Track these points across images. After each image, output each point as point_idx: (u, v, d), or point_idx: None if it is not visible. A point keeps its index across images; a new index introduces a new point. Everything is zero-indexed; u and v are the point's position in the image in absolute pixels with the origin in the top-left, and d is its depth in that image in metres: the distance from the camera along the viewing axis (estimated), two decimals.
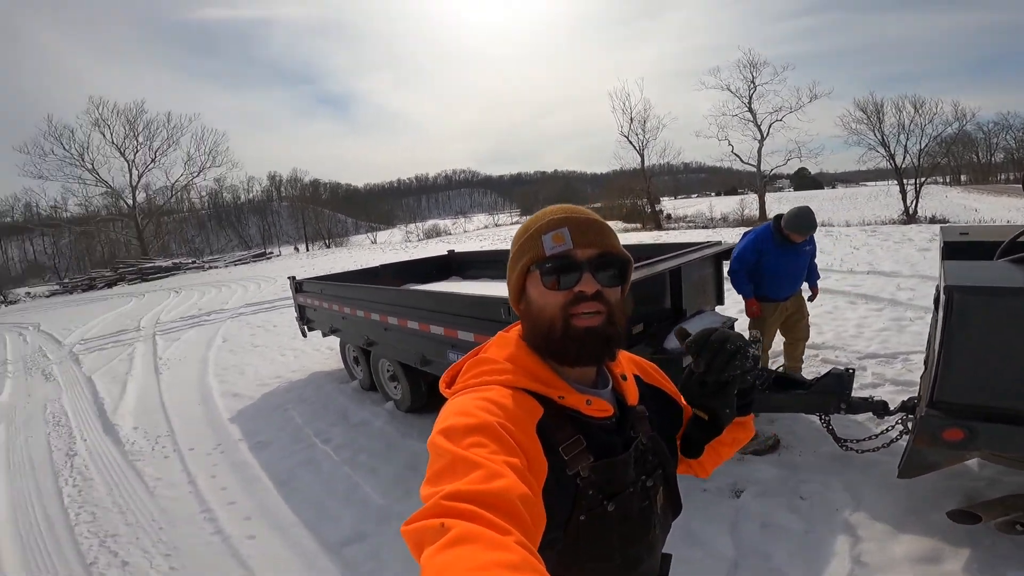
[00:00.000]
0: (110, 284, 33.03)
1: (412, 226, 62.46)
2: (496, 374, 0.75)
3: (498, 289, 5.31)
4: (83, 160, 41.66)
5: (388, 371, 4.51)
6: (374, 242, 51.50)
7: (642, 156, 33.55)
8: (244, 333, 9.05)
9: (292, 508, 3.19)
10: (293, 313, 10.71)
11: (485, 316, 2.97)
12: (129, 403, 5.60)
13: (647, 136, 32.87)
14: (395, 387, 4.47)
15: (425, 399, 4.21)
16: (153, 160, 44.76)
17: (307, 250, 54.69)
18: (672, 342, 3.13)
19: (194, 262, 39.39)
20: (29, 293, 41.36)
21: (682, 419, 0.95)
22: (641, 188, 35.14)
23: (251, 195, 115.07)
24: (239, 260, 40.67)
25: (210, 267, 36.75)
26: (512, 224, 53.80)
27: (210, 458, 4.01)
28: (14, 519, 3.42)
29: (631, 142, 33.27)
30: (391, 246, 32.73)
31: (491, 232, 36.66)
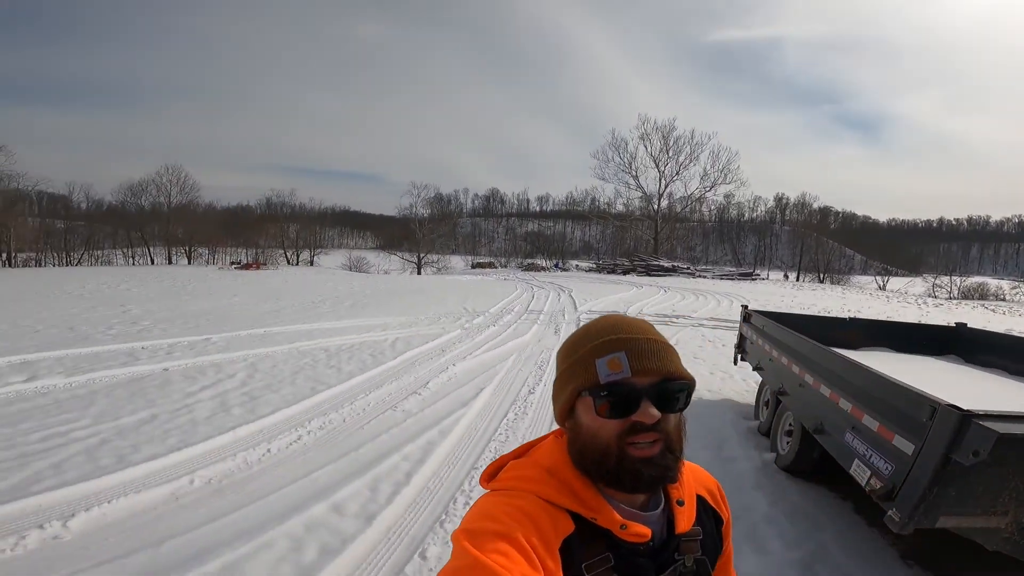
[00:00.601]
0: (625, 272, 41.50)
1: (944, 279, 48.57)
2: (535, 483, 0.73)
3: (1004, 389, 4.15)
4: (630, 168, 53.03)
5: (788, 426, 4.26)
6: (881, 288, 43.42)
7: None
8: (693, 342, 9.84)
9: None
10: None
11: (899, 409, 2.43)
12: None
13: None
14: (786, 442, 4.23)
15: (809, 468, 3.87)
16: (677, 173, 52.44)
17: (797, 280, 51.93)
18: None
19: (688, 268, 44.39)
20: (577, 266, 57.68)
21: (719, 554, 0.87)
22: None
23: (754, 214, 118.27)
24: (726, 275, 42.92)
25: (699, 275, 40.54)
26: None
27: None
28: (471, 420, 4.95)
29: None
30: (901, 297, 26.70)
31: None
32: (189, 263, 49.82)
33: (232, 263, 46.41)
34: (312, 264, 55.52)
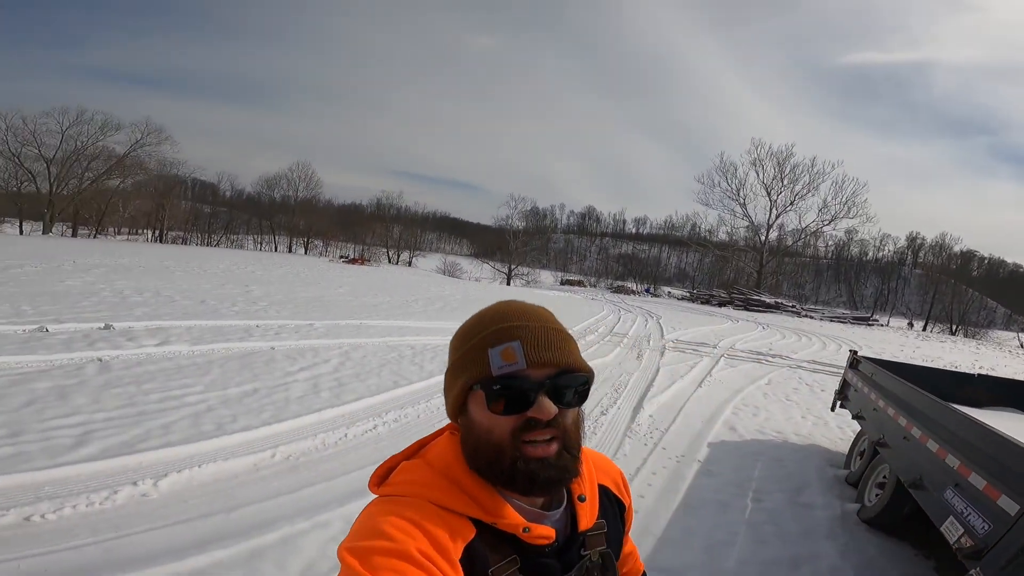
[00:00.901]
0: (721, 303, 39.43)
1: None
2: (428, 487, 0.68)
3: None
4: (739, 195, 50.06)
5: (882, 478, 4.03)
6: (1022, 345, 37.48)
7: None
8: (789, 384, 9.19)
9: (667, 526, 3.49)
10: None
11: (1014, 470, 2.26)
12: (664, 397, 6.98)
13: None
14: (875, 494, 4.01)
15: (894, 523, 3.70)
16: (791, 203, 48.63)
17: (924, 329, 46.23)
18: None
19: (793, 306, 41.14)
20: (669, 292, 55.64)
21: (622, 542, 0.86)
22: None
23: (880, 254, 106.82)
24: (837, 317, 39.30)
25: (805, 315, 37.45)
26: None
27: (668, 461, 4.65)
28: None
29: None
30: None
31: None
32: (305, 253, 54.79)
33: (340, 257, 50.36)
34: (410, 265, 58.72)
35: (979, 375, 5.61)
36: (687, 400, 7.04)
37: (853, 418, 5.07)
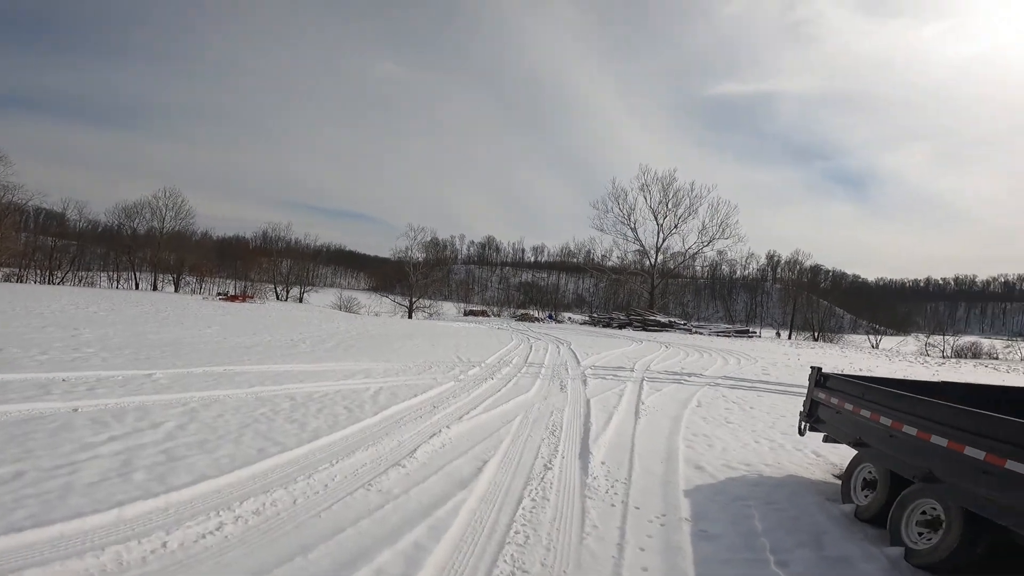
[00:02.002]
0: (621, 326, 40.56)
1: (937, 338, 48.23)
2: None
3: None
4: (629, 219, 52.09)
5: (926, 514, 3.43)
6: (874, 347, 43.04)
7: None
8: (719, 404, 8.74)
9: None
10: (773, 399, 10.18)
11: None
12: (607, 436, 6.03)
13: None
14: (922, 534, 3.45)
15: (967, 560, 3.14)
16: (675, 226, 51.82)
17: (789, 338, 51.23)
18: None
19: (684, 324, 43.58)
20: (570, 318, 56.67)
21: None
22: None
23: (746, 271, 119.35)
24: (722, 332, 42.14)
25: (696, 332, 39.71)
26: None
27: (650, 526, 3.66)
28: (474, 509, 3.71)
29: None
30: (901, 357, 26.20)
31: None
32: (176, 291, 48.31)
33: (218, 294, 44.98)
34: (301, 301, 54.17)
35: (943, 382, 5.37)
36: (633, 437, 6.09)
37: (852, 446, 4.44)
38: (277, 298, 53.52)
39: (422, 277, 52.55)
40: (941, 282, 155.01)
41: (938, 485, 3.33)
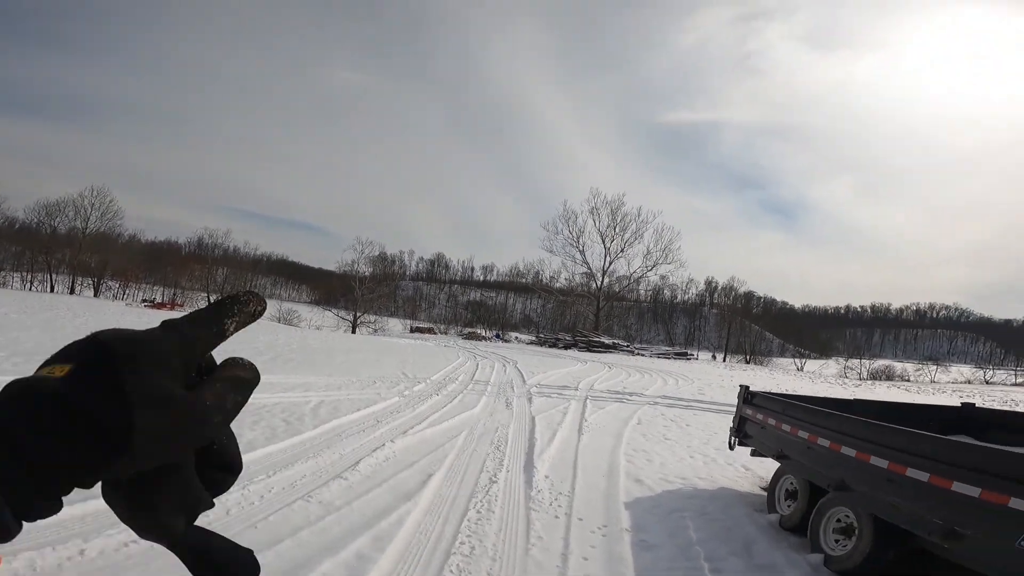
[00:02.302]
0: (566, 346, 41.15)
1: (854, 362, 52.13)
2: None
3: None
4: (578, 242, 53.24)
5: (840, 522, 3.66)
6: (799, 369, 46.01)
7: None
8: (658, 422, 9.06)
9: None
10: (708, 417, 10.68)
11: None
12: (551, 451, 6.14)
13: None
14: (839, 541, 3.64)
15: (879, 570, 3.34)
16: (622, 250, 53.36)
17: (724, 360, 53.70)
18: None
19: (628, 346, 44.77)
20: (517, 338, 56.95)
21: None
22: None
23: (686, 296, 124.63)
24: (662, 354, 43.60)
25: (638, 353, 40.89)
26: (1015, 385, 37.07)
27: (593, 537, 3.78)
28: (419, 521, 3.71)
29: None
30: (823, 379, 28.14)
31: (979, 390, 26.04)
32: (95, 295, 44.81)
33: (143, 300, 42.14)
34: None
35: (857, 400, 5.76)
36: (577, 452, 6.22)
37: (776, 459, 4.75)
38: None
39: (368, 292, 51.49)
40: (860, 309, 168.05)
41: (849, 493, 3.58)
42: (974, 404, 5.60)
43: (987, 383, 38.64)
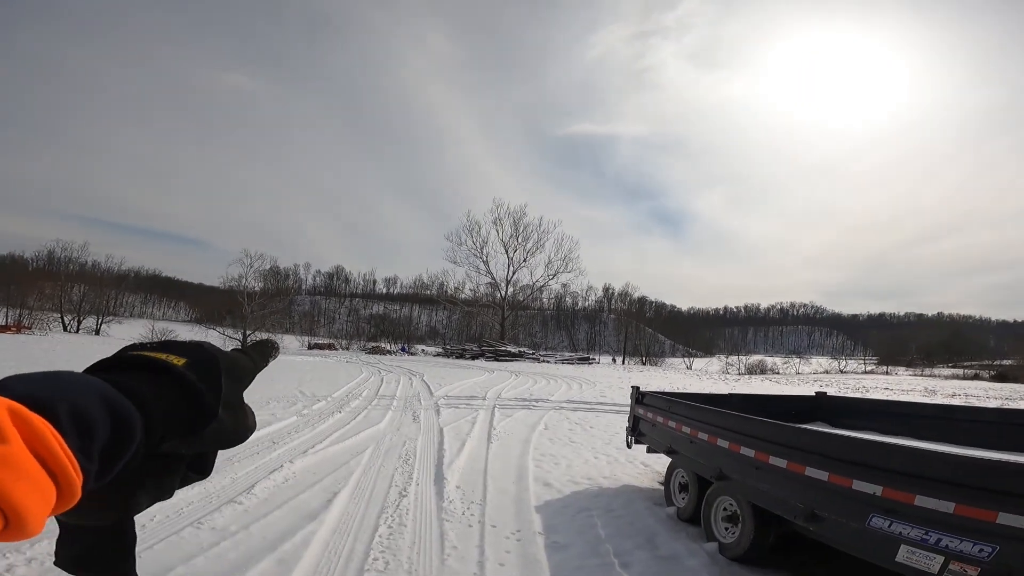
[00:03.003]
0: (474, 357, 41.21)
1: (733, 358, 57.76)
2: None
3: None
4: (482, 252, 53.52)
5: (727, 510, 3.91)
6: (689, 368, 49.93)
7: None
8: (563, 426, 9.35)
9: None
10: (609, 418, 11.21)
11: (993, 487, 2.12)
12: (461, 461, 6.13)
13: None
14: (728, 528, 3.89)
15: (766, 553, 3.58)
16: (524, 260, 54.46)
17: (623, 363, 56.82)
18: None
19: (533, 353, 45.82)
20: (424, 350, 55.96)
21: None
22: None
23: (586, 303, 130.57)
24: (566, 360, 45.15)
25: (543, 360, 41.97)
26: (865, 373, 43.36)
27: (507, 542, 3.82)
28: (327, 540, 3.60)
29: None
30: (708, 375, 30.90)
31: (835, 379, 30.19)
32: None
33: None
34: (98, 333, 45.43)
35: (731, 394, 6.28)
36: (486, 460, 6.24)
37: (666, 454, 5.01)
38: (65, 330, 44.25)
39: (258, 308, 47.90)
40: (735, 310, 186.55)
41: (728, 483, 3.83)
42: (826, 393, 6.31)
43: (842, 372, 44.60)
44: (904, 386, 24.77)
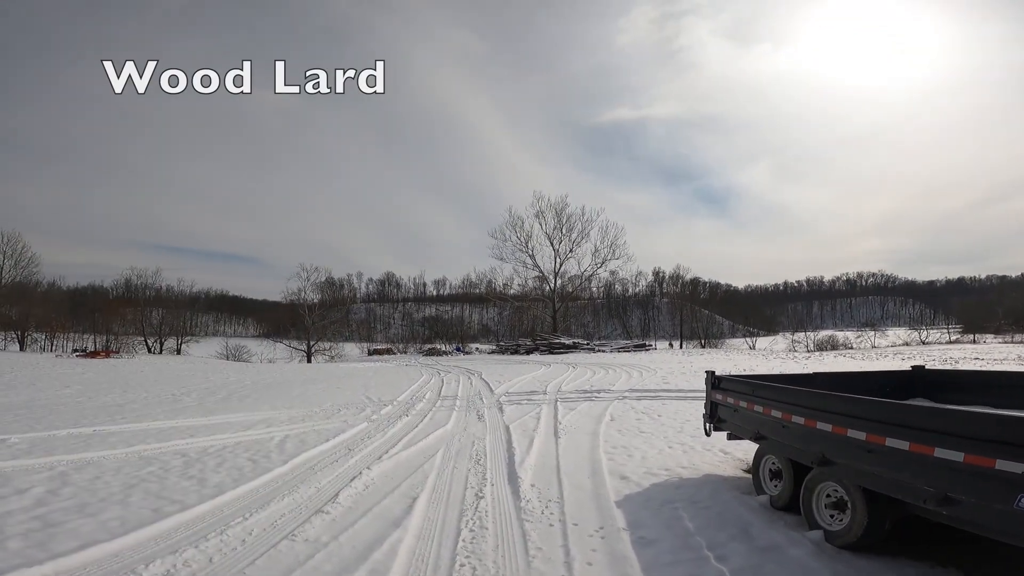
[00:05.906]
0: (528, 351, 41.28)
1: (800, 335, 54.92)
2: None
3: None
4: (527, 246, 53.16)
5: (830, 496, 3.69)
6: (752, 348, 47.95)
7: None
8: (630, 416, 9.16)
9: None
10: (677, 405, 10.87)
11: None
12: (532, 459, 6.09)
13: None
14: (834, 516, 3.67)
15: (882, 538, 3.37)
16: (571, 250, 53.77)
17: (681, 347, 55.26)
18: None
19: (588, 344, 45.37)
20: (478, 348, 56.58)
21: None
22: None
23: (637, 289, 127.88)
24: (622, 348, 44.49)
25: (598, 350, 41.50)
26: (950, 343, 40.10)
27: (591, 540, 3.73)
28: (413, 548, 3.59)
29: None
30: (774, 355, 29.53)
31: (918, 351, 28.06)
32: (21, 349, 41.24)
33: (75, 350, 39.08)
34: (179, 353, 48.74)
35: (817, 373, 5.89)
36: (557, 456, 6.19)
37: (754, 440, 4.79)
38: (149, 351, 47.71)
39: (319, 319, 49.88)
40: (796, 284, 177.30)
41: (833, 467, 3.61)
42: (923, 366, 5.84)
43: (924, 343, 41.56)
44: (995, 355, 22.76)
